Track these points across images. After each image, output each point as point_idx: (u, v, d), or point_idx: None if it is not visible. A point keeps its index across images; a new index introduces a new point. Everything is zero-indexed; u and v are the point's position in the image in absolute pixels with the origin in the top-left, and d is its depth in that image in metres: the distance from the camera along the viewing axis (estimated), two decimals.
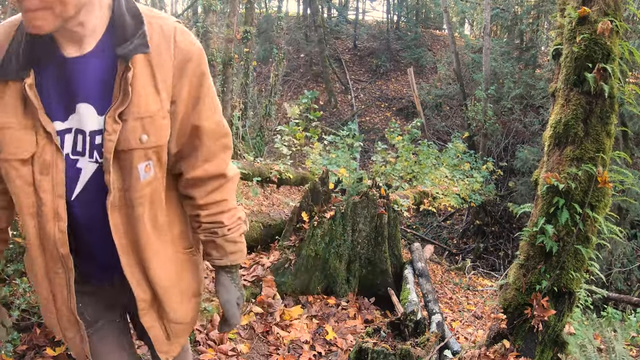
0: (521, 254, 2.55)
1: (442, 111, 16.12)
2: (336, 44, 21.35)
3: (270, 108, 10.82)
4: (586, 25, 2.36)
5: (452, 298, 5.62)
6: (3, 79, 1.00)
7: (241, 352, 2.76)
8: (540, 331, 2.40)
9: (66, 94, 1.02)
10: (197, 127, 1.13)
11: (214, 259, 1.25)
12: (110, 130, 1.02)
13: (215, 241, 1.22)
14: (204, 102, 1.12)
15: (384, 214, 3.99)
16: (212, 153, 1.16)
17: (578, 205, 2.33)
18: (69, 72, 1.01)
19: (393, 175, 7.59)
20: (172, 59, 1.05)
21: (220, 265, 1.26)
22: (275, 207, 6.40)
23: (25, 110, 1.01)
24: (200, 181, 1.17)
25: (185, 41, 1.07)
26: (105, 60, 1.03)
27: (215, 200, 1.19)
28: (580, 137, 2.38)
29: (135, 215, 1.09)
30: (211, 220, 1.20)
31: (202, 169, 1.16)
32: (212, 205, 1.19)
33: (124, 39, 1.01)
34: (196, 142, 1.14)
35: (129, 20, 1.03)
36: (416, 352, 2.46)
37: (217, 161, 1.17)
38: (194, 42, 1.09)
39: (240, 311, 1.31)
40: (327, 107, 16.79)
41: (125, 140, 1.03)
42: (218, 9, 11.59)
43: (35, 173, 1.03)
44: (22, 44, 1.00)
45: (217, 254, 1.24)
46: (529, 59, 13.61)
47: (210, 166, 1.16)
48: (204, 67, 1.10)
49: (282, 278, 3.54)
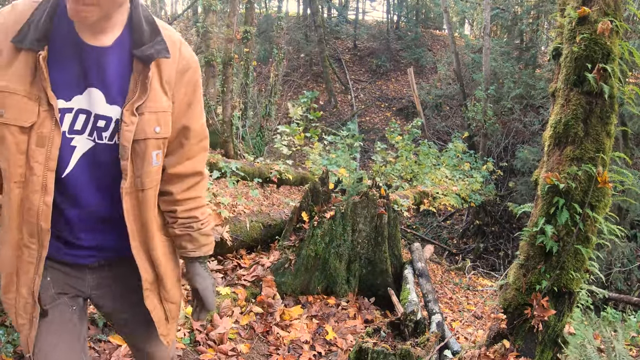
0: (521, 254, 2.55)
1: (442, 111, 16.12)
2: (336, 44, 21.35)
3: (270, 108, 10.82)
4: (586, 25, 2.36)
5: (452, 298, 5.62)
6: (19, 45, 1.04)
7: (241, 352, 2.76)
8: (540, 331, 2.40)
9: (77, 76, 1.09)
10: (186, 127, 1.25)
11: (189, 251, 1.34)
12: (128, 122, 1.11)
13: (191, 234, 1.31)
14: (195, 107, 1.26)
15: (384, 214, 3.99)
16: (194, 152, 1.29)
17: (578, 205, 2.33)
18: (86, 58, 1.09)
19: (393, 175, 7.59)
20: (176, 65, 1.19)
21: (194, 256, 1.35)
22: (275, 207, 6.39)
23: (33, 80, 1.05)
24: (180, 177, 1.28)
25: (187, 52, 1.23)
26: (122, 57, 1.13)
27: (191, 196, 1.30)
28: (580, 137, 2.38)
29: (146, 199, 1.20)
30: (187, 215, 1.30)
31: (184, 166, 1.27)
32: (189, 201, 1.30)
33: (141, 42, 1.13)
34: (183, 141, 1.26)
35: (145, 26, 1.14)
36: (416, 352, 2.46)
37: (197, 160, 1.30)
38: (194, 55, 1.26)
39: (215, 296, 1.40)
40: (327, 107, 16.79)
41: (142, 131, 1.13)
42: (218, 9, 11.59)
43: (30, 143, 1.06)
44: (43, 17, 1.05)
45: (192, 246, 1.33)
46: (529, 59, 13.60)
47: (191, 163, 1.29)
48: (198, 77, 1.26)
49: (282, 278, 3.54)
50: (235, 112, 10.28)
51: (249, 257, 3.80)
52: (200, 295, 1.35)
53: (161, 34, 1.16)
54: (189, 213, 1.30)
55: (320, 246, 3.67)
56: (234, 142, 10.21)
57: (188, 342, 2.62)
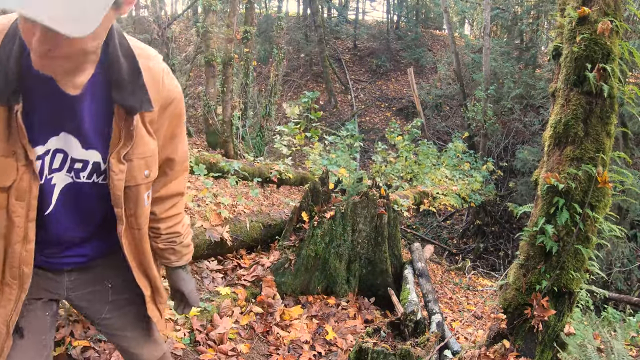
0: (521, 254, 2.55)
1: (442, 111, 16.12)
2: (336, 44, 21.35)
3: (270, 108, 10.82)
4: (586, 25, 2.36)
5: (452, 298, 5.62)
6: None
7: (241, 352, 2.76)
8: (540, 331, 2.40)
9: (52, 120, 1.03)
10: (170, 159, 1.28)
11: (172, 262, 1.40)
12: (117, 170, 1.10)
13: (174, 248, 1.38)
14: (179, 138, 1.27)
15: (384, 214, 3.99)
16: (177, 176, 1.33)
17: (578, 205, 2.33)
18: (59, 103, 1.01)
19: (393, 175, 7.60)
20: (160, 100, 1.14)
21: (177, 266, 1.42)
22: (275, 207, 6.39)
23: (9, 136, 0.98)
24: (163, 199, 1.32)
25: (170, 84, 1.17)
26: (98, 99, 1.05)
27: (173, 214, 1.35)
28: (580, 137, 2.38)
29: (141, 235, 1.24)
30: (170, 231, 1.36)
31: (167, 189, 1.32)
32: (171, 218, 1.35)
33: (120, 83, 1.04)
34: (167, 170, 1.30)
35: (123, 62, 1.05)
36: (416, 352, 2.46)
37: (179, 181, 1.34)
38: (177, 85, 1.20)
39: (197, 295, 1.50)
40: (327, 107, 16.79)
41: (132, 178, 1.13)
42: (218, 9, 11.59)
43: (10, 198, 1.03)
44: (11, 62, 0.95)
45: (175, 258, 1.40)
46: (529, 59, 13.61)
47: (173, 186, 1.33)
48: (182, 107, 1.23)
49: (282, 278, 3.54)
50: (235, 112, 10.28)
51: (249, 257, 3.80)
52: (185, 297, 1.45)
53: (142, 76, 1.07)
54: (172, 229, 1.35)
55: (320, 246, 3.67)
56: (234, 142, 10.21)
57: (188, 342, 2.62)
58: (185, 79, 14.29)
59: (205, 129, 11.73)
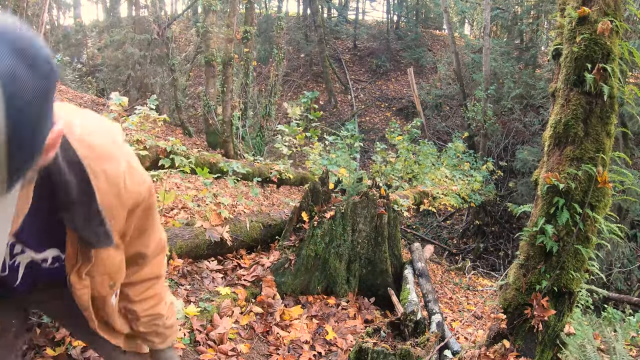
0: (521, 254, 2.55)
1: (442, 111, 16.13)
2: (336, 44, 21.36)
3: (270, 108, 10.83)
4: (586, 25, 2.36)
5: (452, 298, 5.62)
6: None
7: (241, 352, 2.75)
8: (540, 331, 2.40)
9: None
10: (141, 253, 1.19)
11: (157, 345, 1.33)
12: (79, 287, 1.06)
13: (156, 331, 1.30)
14: (148, 233, 1.17)
15: (384, 214, 3.99)
16: (150, 261, 1.23)
17: (578, 205, 2.33)
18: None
19: (393, 175, 7.60)
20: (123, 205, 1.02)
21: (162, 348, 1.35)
22: (275, 207, 6.40)
23: None
24: (134, 284, 1.23)
25: (134, 184, 1.01)
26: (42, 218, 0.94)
27: (149, 295, 1.26)
28: (580, 137, 2.38)
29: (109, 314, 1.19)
30: (150, 314, 1.27)
31: (139, 275, 1.23)
32: (147, 300, 1.26)
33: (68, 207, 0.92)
34: (139, 261, 1.21)
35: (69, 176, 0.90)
36: (416, 352, 2.46)
37: (154, 265, 1.25)
38: (144, 181, 1.05)
39: None
40: (327, 107, 16.79)
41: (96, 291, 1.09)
42: (218, 9, 11.59)
43: None
44: None
45: (159, 340, 1.33)
46: (529, 59, 13.61)
47: (148, 270, 1.24)
48: (152, 201, 1.11)
49: (282, 278, 3.54)
50: (235, 112, 10.28)
51: (249, 257, 3.80)
52: None
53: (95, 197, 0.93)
54: (152, 311, 1.27)
55: (320, 246, 3.67)
56: (234, 142, 10.21)
57: (188, 342, 2.62)
58: (185, 79, 14.30)
59: (205, 129, 11.75)
